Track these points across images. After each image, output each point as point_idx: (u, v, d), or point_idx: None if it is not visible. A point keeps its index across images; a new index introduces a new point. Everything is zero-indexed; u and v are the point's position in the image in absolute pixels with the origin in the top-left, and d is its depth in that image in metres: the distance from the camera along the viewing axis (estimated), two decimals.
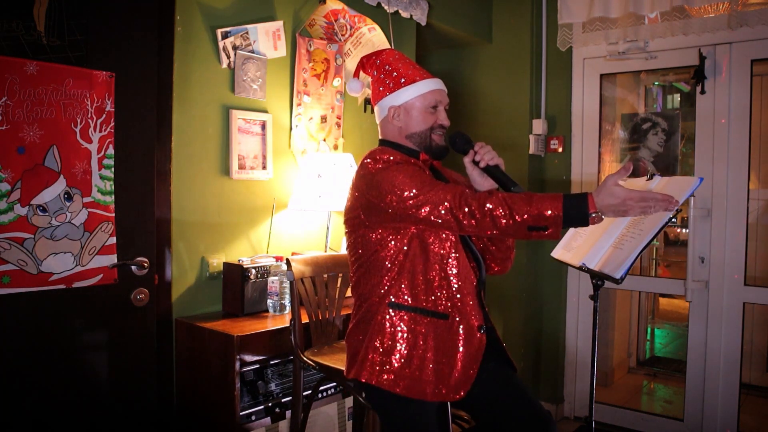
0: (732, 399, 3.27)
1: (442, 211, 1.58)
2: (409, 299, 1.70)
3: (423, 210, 1.60)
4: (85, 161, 2.00)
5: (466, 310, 1.71)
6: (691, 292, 3.30)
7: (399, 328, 1.69)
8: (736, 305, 3.26)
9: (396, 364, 1.67)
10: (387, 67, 1.83)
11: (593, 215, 1.51)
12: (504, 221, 1.53)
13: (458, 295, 1.71)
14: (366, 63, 1.89)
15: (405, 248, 1.70)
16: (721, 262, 3.27)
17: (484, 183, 1.76)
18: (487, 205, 1.54)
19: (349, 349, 1.79)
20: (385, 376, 1.67)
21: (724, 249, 3.27)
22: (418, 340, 1.68)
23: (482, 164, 1.71)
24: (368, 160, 1.75)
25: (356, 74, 1.95)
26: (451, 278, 1.71)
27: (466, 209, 1.55)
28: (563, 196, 1.53)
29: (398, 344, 1.68)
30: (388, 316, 1.70)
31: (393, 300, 1.70)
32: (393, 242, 1.70)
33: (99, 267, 2.04)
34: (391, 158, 1.73)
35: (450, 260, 1.71)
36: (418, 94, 1.78)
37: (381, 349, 1.68)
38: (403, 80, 1.79)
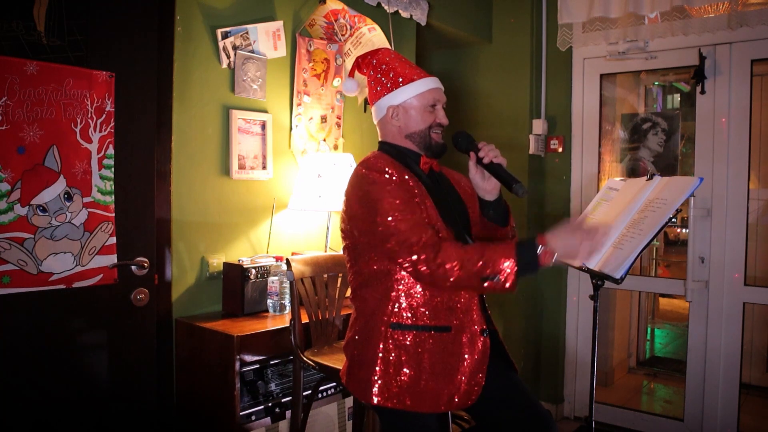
0: (732, 399, 3.27)
1: (406, 250, 1.58)
2: (410, 316, 1.67)
3: (390, 241, 1.60)
4: (85, 161, 2.00)
5: (468, 317, 1.70)
6: (691, 292, 3.30)
7: (403, 350, 1.66)
8: (736, 305, 3.26)
9: (404, 385, 1.64)
10: (383, 66, 1.81)
11: (544, 255, 1.54)
12: (455, 274, 1.54)
13: (458, 303, 1.69)
14: (362, 63, 1.87)
15: None
16: (721, 262, 3.27)
17: (486, 185, 1.75)
18: (438, 259, 1.55)
19: (349, 360, 1.77)
20: (396, 398, 1.64)
21: (724, 249, 3.27)
22: (423, 356, 1.65)
23: (486, 160, 1.70)
24: (363, 170, 1.71)
25: (351, 74, 1.94)
26: None
27: (423, 257, 1.56)
28: (515, 246, 1.55)
29: (404, 366, 1.65)
30: (391, 340, 1.66)
31: (394, 321, 1.67)
32: None
33: (99, 267, 2.04)
34: (386, 170, 1.67)
35: None
36: (417, 93, 1.77)
37: (388, 371, 1.65)
38: (401, 79, 1.77)
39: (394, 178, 1.67)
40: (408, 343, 1.66)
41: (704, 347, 3.34)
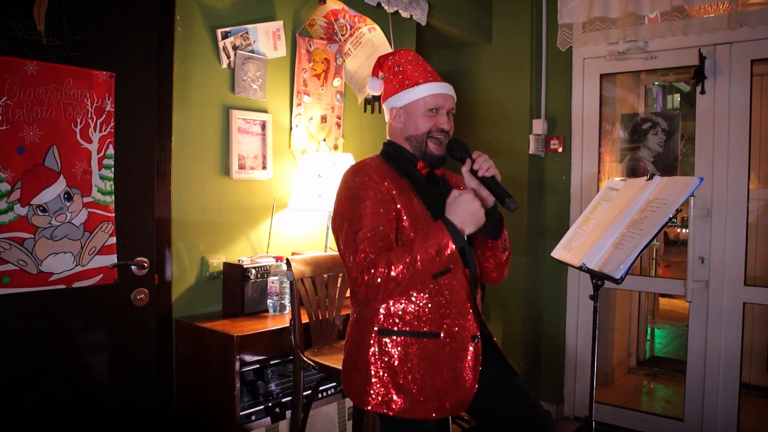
0: (732, 399, 3.27)
1: (355, 262, 1.59)
2: (398, 322, 1.67)
3: (342, 242, 1.66)
4: (85, 161, 2.00)
5: (461, 322, 1.70)
6: (691, 292, 3.30)
7: (392, 356, 1.66)
8: (736, 305, 3.26)
9: (395, 391, 1.64)
10: (396, 68, 1.83)
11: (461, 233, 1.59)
12: (381, 278, 1.55)
13: (452, 308, 1.69)
14: (383, 62, 1.90)
15: None
16: (721, 262, 3.27)
17: (483, 192, 1.72)
18: (375, 270, 1.55)
19: (345, 363, 1.77)
20: (386, 406, 1.65)
21: (724, 249, 3.26)
22: (412, 362, 1.65)
23: (480, 173, 1.68)
24: (348, 174, 1.74)
25: (375, 73, 1.95)
26: (443, 292, 1.68)
27: (366, 277, 1.57)
28: (444, 230, 1.57)
29: (393, 373, 1.65)
30: (380, 346, 1.67)
31: (383, 326, 1.67)
32: None
33: (99, 267, 2.04)
34: (369, 178, 1.68)
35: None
36: (419, 97, 1.77)
37: (378, 377, 1.66)
38: (407, 82, 1.78)
39: (376, 181, 1.69)
40: (397, 349, 1.66)
41: (704, 347, 3.34)
